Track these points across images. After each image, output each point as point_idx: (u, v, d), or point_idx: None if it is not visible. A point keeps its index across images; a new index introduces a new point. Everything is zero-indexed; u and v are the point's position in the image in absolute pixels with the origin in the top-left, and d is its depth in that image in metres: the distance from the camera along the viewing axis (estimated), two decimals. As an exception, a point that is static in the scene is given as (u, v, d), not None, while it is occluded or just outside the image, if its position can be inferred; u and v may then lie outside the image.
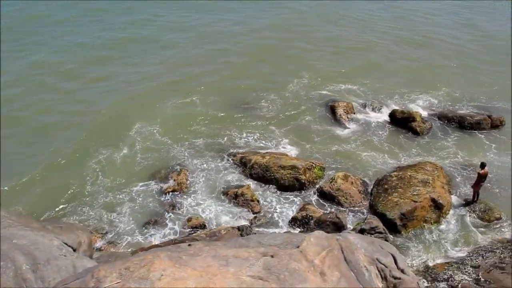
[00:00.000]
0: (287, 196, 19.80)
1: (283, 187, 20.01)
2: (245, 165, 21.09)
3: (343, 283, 7.70)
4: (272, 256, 7.86)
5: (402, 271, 9.61)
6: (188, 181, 20.27)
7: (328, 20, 45.84)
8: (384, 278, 9.01)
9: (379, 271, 9.13)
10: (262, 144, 23.29)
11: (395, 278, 9.04)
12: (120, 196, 19.33)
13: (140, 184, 20.18)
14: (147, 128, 24.02)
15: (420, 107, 27.41)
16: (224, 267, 7.35)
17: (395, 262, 9.93)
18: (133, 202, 19.09)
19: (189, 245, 8.38)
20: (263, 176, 20.37)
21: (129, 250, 16.49)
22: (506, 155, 23.00)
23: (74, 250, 12.65)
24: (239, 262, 7.58)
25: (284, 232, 16.75)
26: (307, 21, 45.29)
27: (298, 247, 8.29)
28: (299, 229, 17.52)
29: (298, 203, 19.34)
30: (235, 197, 19.21)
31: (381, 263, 9.40)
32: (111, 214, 18.36)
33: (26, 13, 42.64)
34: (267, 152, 21.93)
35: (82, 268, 10.14)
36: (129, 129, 23.77)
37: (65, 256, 11.04)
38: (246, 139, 23.62)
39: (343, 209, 18.80)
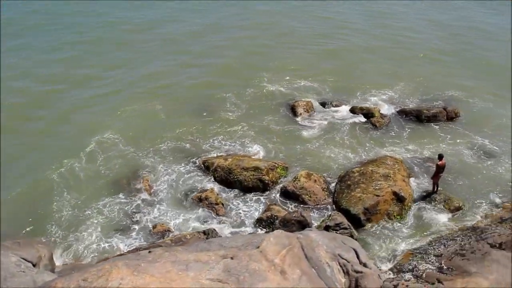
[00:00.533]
0: (251, 197, 19.80)
1: (247, 189, 20.00)
2: (208, 169, 21.03)
3: (304, 281, 7.70)
4: (232, 258, 7.81)
5: (364, 264, 9.70)
6: (153, 189, 20.01)
7: (291, 17, 46.19)
8: (346, 273, 9.07)
9: (341, 266, 9.19)
10: (226, 147, 23.22)
11: (357, 272, 9.11)
12: (85, 209, 18.87)
13: (105, 194, 19.80)
14: (108, 138, 23.49)
15: (380, 102, 27.88)
16: (183, 272, 7.25)
17: (357, 257, 10.01)
18: (98, 213, 18.67)
19: (149, 252, 8.23)
20: (227, 178, 20.31)
21: (94, 262, 16.13)
22: (461, 146, 23.69)
23: (34, 265, 12.29)
24: (199, 266, 7.50)
25: (249, 233, 16.72)
26: (271, 19, 45.47)
27: (258, 247, 8.26)
28: (265, 230, 17.53)
29: (263, 203, 19.37)
30: (200, 201, 19.12)
31: (343, 258, 9.47)
32: (76, 227, 17.90)
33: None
34: (229, 155, 21.87)
35: (42, 283, 9.83)
36: (89, 139, 23.15)
37: (23, 272, 10.69)
38: (211, 143, 23.49)
39: (307, 207, 18.90)
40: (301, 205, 19.08)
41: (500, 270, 14.29)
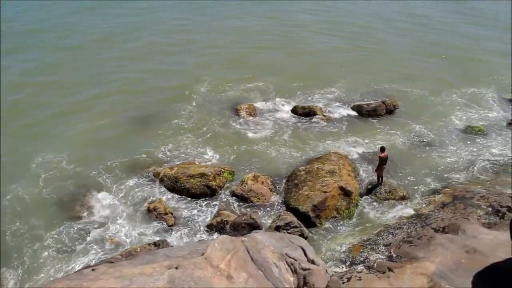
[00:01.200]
0: (201, 204, 19.60)
1: (195, 196, 19.81)
2: (155, 179, 20.66)
3: (251, 283, 7.71)
4: (176, 268, 7.71)
5: (312, 261, 9.82)
6: (104, 205, 19.38)
7: (231, 18, 46.27)
8: (294, 272, 9.14)
9: (289, 265, 9.26)
10: (175, 154, 22.74)
11: (304, 269, 9.21)
12: (36, 234, 17.83)
13: (56, 216, 18.80)
14: (52, 159, 22.31)
15: (322, 100, 28.30)
16: (127, 287, 7.07)
17: (305, 254, 10.12)
18: (50, 237, 17.75)
19: (92, 269, 7.99)
20: (174, 187, 20.07)
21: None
22: (401, 137, 24.53)
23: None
24: (143, 279, 7.36)
25: (196, 241, 16.57)
26: (213, 22, 45.33)
27: (203, 254, 8.19)
28: (217, 235, 17.40)
29: (213, 209, 19.23)
30: (149, 212, 18.76)
31: (290, 257, 9.55)
32: (28, 254, 17.00)
33: None
34: (175, 163, 21.60)
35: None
36: (30, 163, 21.92)
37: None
38: (161, 152, 22.87)
39: (257, 209, 18.94)
40: (251, 208, 19.10)
41: (444, 252, 14.87)
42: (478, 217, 16.94)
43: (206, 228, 18.02)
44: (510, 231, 12.82)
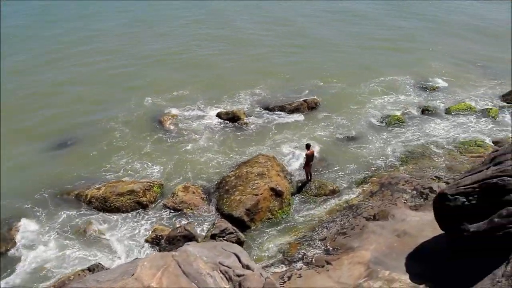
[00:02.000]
0: (133, 221, 18.96)
1: (127, 213, 19.17)
2: (82, 202, 19.77)
3: (185, 298, 7.53)
4: (105, 293, 7.37)
5: (247, 266, 9.74)
6: (29, 234, 18.18)
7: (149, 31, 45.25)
8: (229, 279, 9.03)
9: (223, 273, 9.13)
10: (102, 175, 21.66)
11: (239, 275, 9.12)
12: None
13: None
14: None
15: (245, 103, 28.31)
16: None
17: (239, 260, 10.05)
18: None
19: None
20: (104, 207, 19.29)
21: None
22: (324, 131, 25.16)
23: None
24: (69, 311, 6.95)
25: (130, 261, 16.01)
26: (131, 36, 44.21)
27: (133, 275, 7.90)
28: (153, 251, 16.92)
29: (146, 226, 18.66)
30: (80, 236, 17.89)
31: (224, 265, 9.43)
32: None
33: None
34: (102, 184, 20.78)
35: None
36: None
37: None
38: (87, 174, 21.74)
39: (191, 220, 18.65)
40: (185, 219, 18.76)
41: (377, 239, 15.31)
42: (405, 201, 17.61)
43: (141, 246, 17.46)
44: (433, 211, 13.39)
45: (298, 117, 26.56)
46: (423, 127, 25.33)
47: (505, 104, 27.88)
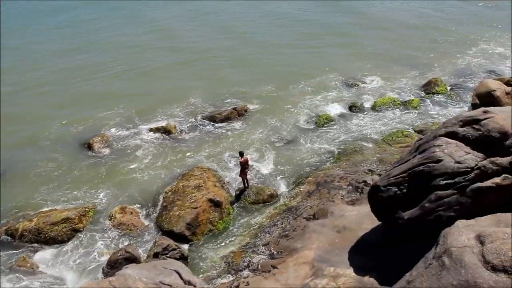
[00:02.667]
0: (71, 250, 18.12)
1: (64, 243, 18.28)
2: (14, 237, 18.68)
3: (127, 323, 7.26)
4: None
5: (189, 282, 9.61)
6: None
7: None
8: (171, 297, 8.87)
9: (164, 292, 8.96)
10: (33, 206, 20.60)
11: (181, 292, 8.98)
12: None
13: None
14: None
15: (177, 116, 27.79)
16: None
17: (180, 277, 9.89)
18: None
19: None
20: (38, 240, 18.30)
21: None
22: (257, 136, 25.31)
23: None
24: None
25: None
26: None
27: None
28: (96, 279, 16.28)
29: (85, 252, 17.93)
30: (14, 274, 16.80)
31: (165, 284, 9.25)
32: None
33: None
34: (33, 215, 19.71)
35: None
36: None
37: None
38: (14, 208, 20.62)
39: (132, 241, 18.15)
40: (126, 241, 18.21)
41: (319, 237, 15.54)
42: (342, 197, 18.03)
43: (82, 273, 16.75)
44: (369, 203, 13.78)
45: (230, 125, 26.47)
46: (352, 124, 26.06)
47: (424, 94, 29.25)
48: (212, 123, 26.68)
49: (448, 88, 29.85)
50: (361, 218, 15.77)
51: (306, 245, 15.41)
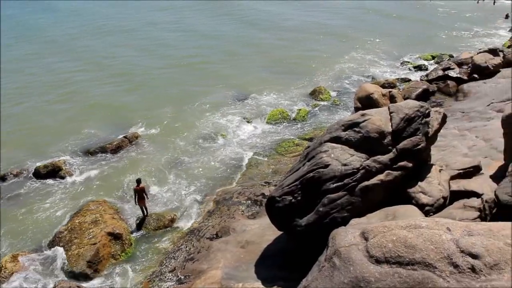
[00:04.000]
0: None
1: None
2: None
3: None
4: None
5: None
6: None
7: None
8: None
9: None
10: None
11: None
12: None
13: None
14: None
15: (66, 151, 26.32)
16: None
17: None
18: None
19: None
20: None
21: None
22: (148, 163, 24.80)
23: None
24: None
25: None
26: None
27: None
28: None
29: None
30: None
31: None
32: None
33: None
34: None
35: None
36: None
37: None
38: None
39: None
40: (20, 291, 16.91)
41: (224, 255, 15.59)
42: (242, 212, 18.30)
43: None
44: (267, 214, 14.12)
45: (123, 154, 25.61)
46: (245, 138, 26.56)
47: (311, 102, 30.73)
48: (103, 154, 25.60)
49: (333, 94, 31.62)
50: (263, 230, 16.09)
51: (213, 265, 15.38)
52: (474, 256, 6.44)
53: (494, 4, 68.69)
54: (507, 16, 57.13)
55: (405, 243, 6.81)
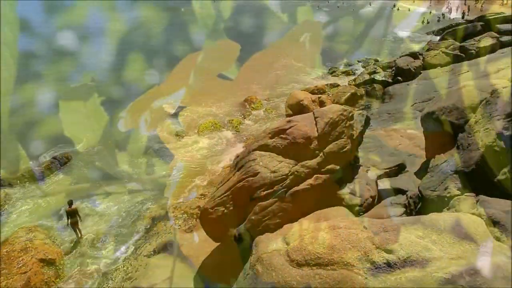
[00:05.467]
0: None
1: None
2: None
3: None
4: None
5: None
6: None
7: None
8: None
9: None
10: None
11: None
12: None
13: None
14: None
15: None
16: None
17: None
18: None
19: None
20: None
21: None
22: (82, 183, 24.11)
23: None
24: None
25: None
26: None
27: None
28: None
29: None
30: None
31: None
32: None
33: None
34: None
35: None
36: None
37: None
38: None
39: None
40: None
41: (163, 272, 15.42)
42: (179, 227, 18.12)
43: None
44: (202, 227, 14.13)
45: (54, 176, 24.76)
46: (176, 153, 26.25)
47: (243, 112, 30.94)
48: (42, 175, 24.57)
49: (265, 103, 32.00)
50: (200, 243, 16.07)
51: (151, 282, 15.19)
52: (389, 251, 6.75)
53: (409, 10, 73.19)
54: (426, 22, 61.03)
55: (323, 245, 7.04)
